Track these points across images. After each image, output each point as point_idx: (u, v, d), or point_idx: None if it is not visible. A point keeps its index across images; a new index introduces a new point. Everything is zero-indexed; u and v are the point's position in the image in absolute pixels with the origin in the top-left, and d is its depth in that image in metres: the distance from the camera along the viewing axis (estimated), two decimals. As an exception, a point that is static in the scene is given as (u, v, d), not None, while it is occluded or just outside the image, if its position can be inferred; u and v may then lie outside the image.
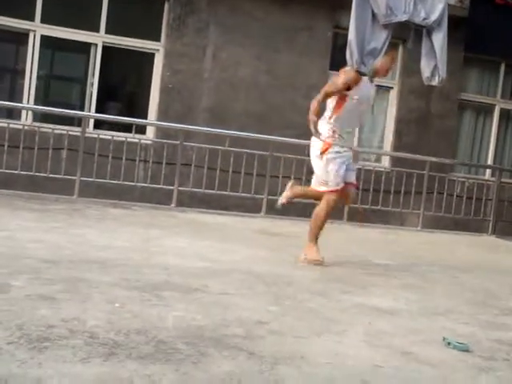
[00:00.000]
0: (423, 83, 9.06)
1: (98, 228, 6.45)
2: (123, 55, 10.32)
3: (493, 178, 11.26)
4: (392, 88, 11.48)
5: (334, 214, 9.74)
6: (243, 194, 9.42)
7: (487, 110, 12.23)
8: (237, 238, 6.86)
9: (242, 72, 10.48)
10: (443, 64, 7.29)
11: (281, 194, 9.42)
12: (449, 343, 3.50)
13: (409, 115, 11.42)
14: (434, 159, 10.21)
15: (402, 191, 10.10)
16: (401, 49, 11.27)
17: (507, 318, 4.43)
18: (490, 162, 12.17)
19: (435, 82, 7.22)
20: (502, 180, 10.90)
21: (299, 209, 9.86)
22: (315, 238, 5.74)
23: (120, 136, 9.25)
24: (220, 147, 9.27)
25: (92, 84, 10.01)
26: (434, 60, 7.19)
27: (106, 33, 9.94)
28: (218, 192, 9.31)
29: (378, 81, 11.31)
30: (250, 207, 9.67)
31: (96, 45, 9.93)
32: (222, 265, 5.17)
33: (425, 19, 7.42)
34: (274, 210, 9.28)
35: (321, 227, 5.76)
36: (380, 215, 10.41)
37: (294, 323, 3.66)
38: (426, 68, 7.25)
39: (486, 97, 12.12)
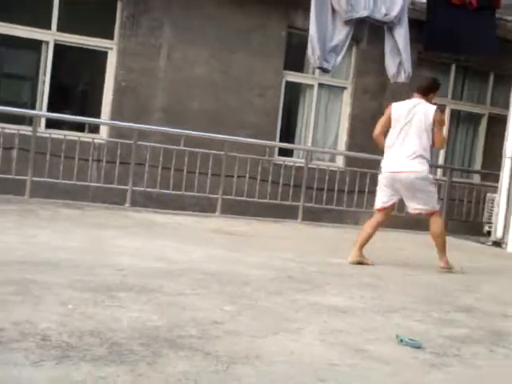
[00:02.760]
0: (376, 83, 9.16)
1: (51, 228, 6.35)
2: (76, 53, 10.17)
3: (444, 178, 11.46)
4: (346, 88, 11.58)
5: (289, 214, 9.79)
6: (198, 194, 9.38)
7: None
8: (192, 238, 6.84)
9: (196, 72, 10.45)
10: (408, 60, 7.34)
11: (236, 193, 9.47)
12: (401, 340, 3.55)
13: (362, 115, 11.53)
14: (386, 159, 10.31)
15: (356, 190, 10.20)
16: (354, 49, 11.39)
17: (458, 314, 4.51)
18: (441, 161, 12.38)
19: (402, 78, 7.27)
20: (453, 179, 11.10)
21: (253, 208, 9.90)
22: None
23: (72, 135, 9.12)
24: (175, 147, 9.22)
25: (44, 82, 9.84)
26: (399, 57, 7.24)
27: (58, 30, 9.78)
28: (173, 192, 9.26)
29: (332, 81, 11.49)
30: (205, 207, 9.65)
31: (47, 42, 9.77)
32: (177, 265, 5.14)
33: (386, 15, 7.48)
34: (229, 210, 9.31)
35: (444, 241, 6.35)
36: (334, 214, 10.49)
37: (249, 323, 3.66)
38: (391, 65, 7.27)
39: (437, 97, 12.29)
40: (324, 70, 6.68)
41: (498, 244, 9.28)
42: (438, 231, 6.34)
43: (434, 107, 6.30)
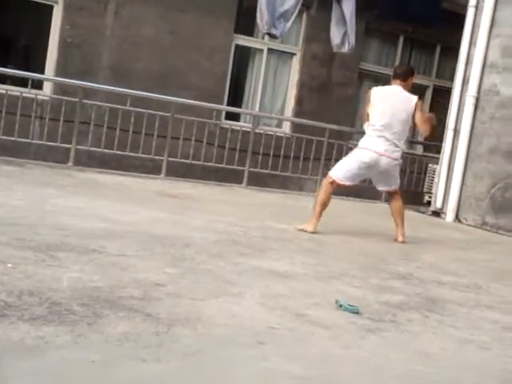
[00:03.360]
0: (325, 50, 9.15)
1: (-10, 186, 6.21)
2: (19, 5, 9.85)
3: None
4: (295, 54, 11.57)
5: (234, 178, 9.79)
6: (143, 155, 9.29)
7: (385, 81, 12.54)
8: (136, 200, 6.79)
9: (144, 31, 10.27)
10: (352, 31, 7.36)
11: (181, 156, 9.41)
12: (340, 305, 3.63)
13: (310, 82, 11.57)
14: (333, 127, 10.42)
15: (302, 157, 10.27)
16: (304, 16, 11.36)
17: (396, 281, 4.63)
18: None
19: (345, 49, 7.30)
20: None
21: (199, 172, 9.87)
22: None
23: (15, 90, 8.87)
24: (121, 106, 9.07)
25: (-15, 34, 9.52)
26: (344, 27, 7.26)
27: (1, -19, 9.46)
28: (118, 152, 9.14)
29: (281, 46, 11.46)
30: (149, 169, 9.57)
31: (-10, -7, 9.44)
32: (119, 226, 5.10)
33: (335, -16, 7.43)
34: (174, 173, 9.25)
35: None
36: (279, 180, 10.56)
37: (191, 285, 3.68)
38: (336, 35, 7.29)
39: (384, 67, 12.44)
40: (272, 36, 6.63)
41: (437, 214, 9.51)
42: (401, 205, 6.61)
43: (416, 97, 6.48)
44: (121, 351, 2.57)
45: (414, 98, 6.44)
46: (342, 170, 6.37)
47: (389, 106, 6.34)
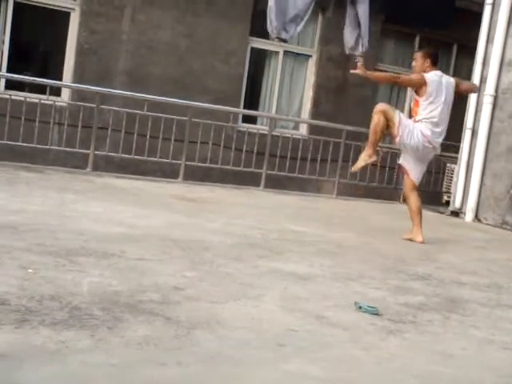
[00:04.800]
0: (341, 52, 9.13)
1: (10, 192, 6.26)
2: (37, 13, 9.94)
3: (406, 148, 11.57)
4: (311, 56, 11.56)
5: (252, 181, 9.80)
6: (161, 160, 9.33)
7: (402, 81, 12.51)
8: (154, 204, 6.81)
9: (161, 35, 10.31)
10: (366, 33, 7.37)
11: (199, 159, 9.44)
12: (360, 307, 3.61)
13: (327, 84, 11.55)
14: (350, 128, 10.39)
15: (319, 159, 10.25)
16: (320, 17, 11.35)
17: (415, 282, 4.60)
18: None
19: (358, 51, 7.30)
20: (415, 150, 11.21)
21: (216, 175, 9.89)
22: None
23: (33, 97, 8.94)
24: (138, 111, 9.12)
25: (3, 42, 9.61)
26: (358, 29, 7.26)
27: (19, -12, 9.55)
28: (136, 157, 9.19)
29: (297, 48, 11.46)
30: (167, 173, 9.60)
31: (7, 0, 9.52)
32: (138, 230, 5.13)
33: (348, -13, 7.43)
34: (192, 176, 9.28)
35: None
36: (297, 182, 10.55)
37: (210, 288, 3.68)
38: (349, 37, 7.30)
39: (401, 68, 12.39)
40: (282, 40, 6.68)
41: (456, 214, 9.45)
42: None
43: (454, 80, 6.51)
44: (141, 355, 2.58)
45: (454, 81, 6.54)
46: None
47: (442, 97, 6.34)
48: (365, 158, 6.19)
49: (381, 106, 6.29)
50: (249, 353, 2.77)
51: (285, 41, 6.38)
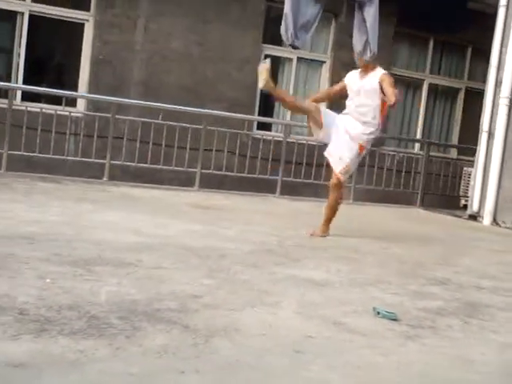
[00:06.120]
0: (355, 57, 9.08)
1: (27, 202, 6.30)
2: (51, 25, 10.03)
3: (421, 152, 11.54)
4: (324, 62, 11.56)
5: (268, 188, 9.80)
6: (176, 168, 9.36)
7: (416, 85, 12.48)
8: (170, 212, 6.83)
9: (174, 44, 10.36)
10: (374, 39, 7.36)
11: (214, 167, 9.46)
12: (378, 313, 3.59)
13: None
14: (365, 133, 10.33)
15: (334, 165, 10.20)
16: (333, 23, 11.35)
17: (433, 287, 4.57)
18: (418, 135, 12.45)
19: (366, 56, 7.29)
20: (430, 154, 11.18)
21: (232, 183, 9.90)
22: None
23: (49, 109, 9.01)
24: (153, 120, 9.16)
25: (19, 54, 9.70)
26: (366, 35, 7.26)
27: (33, 1, 9.63)
28: (151, 166, 9.23)
29: (311, 55, 11.46)
30: (183, 181, 9.63)
31: (22, 13, 9.61)
32: (155, 239, 5.14)
33: (357, -8, 7.43)
34: (208, 184, 9.29)
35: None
36: (313, 189, 10.52)
37: (227, 296, 3.68)
38: (357, 43, 7.31)
39: (415, 72, 12.36)
40: (295, 47, 6.69)
41: (474, 217, 9.39)
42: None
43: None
44: (159, 363, 2.58)
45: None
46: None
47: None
48: (319, 233, 6.20)
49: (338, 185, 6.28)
50: (267, 360, 2.76)
51: (298, 48, 6.38)
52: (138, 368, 2.50)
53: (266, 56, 9.55)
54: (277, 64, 11.48)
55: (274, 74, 11.52)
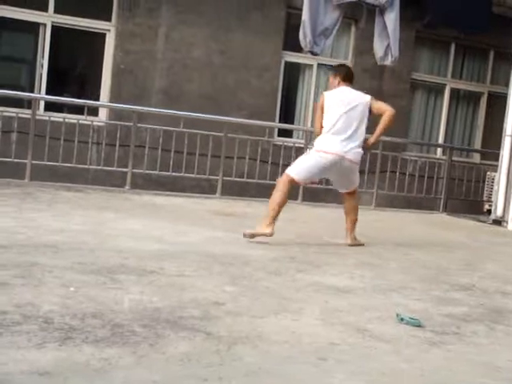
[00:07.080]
0: (375, 63, 9.08)
1: (51, 211, 6.36)
2: (73, 35, 10.12)
3: (444, 157, 11.45)
4: (345, 68, 11.52)
5: (289, 194, 9.80)
6: (198, 176, 9.39)
7: (438, 90, 12.40)
8: (192, 220, 6.85)
9: (195, 52, 10.40)
10: (395, 43, 7.35)
11: (236, 174, 9.46)
12: (402, 319, 3.57)
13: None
14: (386, 138, 10.27)
15: (356, 170, 10.17)
16: (353, 28, 11.33)
17: (457, 293, 4.53)
18: (440, 140, 12.36)
19: (388, 61, 7.30)
20: (453, 158, 11.10)
21: (253, 190, 9.90)
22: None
23: (72, 118, 9.09)
24: (174, 129, 9.20)
25: (42, 65, 9.81)
26: (387, 40, 7.25)
27: (55, 12, 9.72)
28: (173, 174, 9.26)
29: (331, 61, 11.45)
30: (205, 188, 9.65)
31: (45, 25, 9.72)
32: (177, 246, 5.16)
33: (377, -2, 7.44)
34: (229, 191, 9.30)
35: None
36: (334, 194, 10.48)
37: (250, 303, 3.68)
38: (379, 48, 7.31)
39: (436, 76, 12.29)
40: (314, 54, 6.70)
41: (498, 222, 9.30)
42: (357, 205, 6.43)
43: (369, 96, 6.38)
44: (183, 371, 2.58)
45: (369, 97, 6.40)
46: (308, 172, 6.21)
47: (346, 108, 6.20)
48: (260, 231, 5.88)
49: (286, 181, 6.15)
50: (291, 367, 2.76)
51: (316, 54, 6.39)
52: (161, 375, 2.50)
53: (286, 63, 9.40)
54: (297, 70, 11.48)
55: (294, 80, 11.54)
